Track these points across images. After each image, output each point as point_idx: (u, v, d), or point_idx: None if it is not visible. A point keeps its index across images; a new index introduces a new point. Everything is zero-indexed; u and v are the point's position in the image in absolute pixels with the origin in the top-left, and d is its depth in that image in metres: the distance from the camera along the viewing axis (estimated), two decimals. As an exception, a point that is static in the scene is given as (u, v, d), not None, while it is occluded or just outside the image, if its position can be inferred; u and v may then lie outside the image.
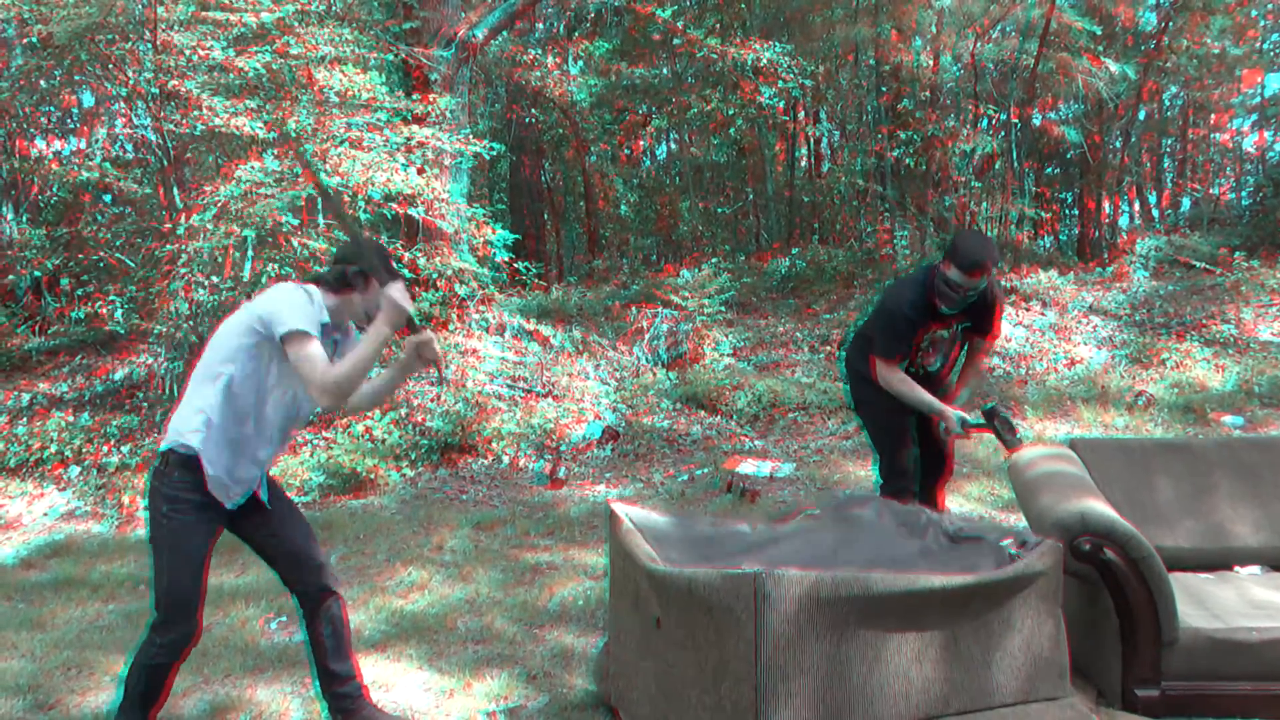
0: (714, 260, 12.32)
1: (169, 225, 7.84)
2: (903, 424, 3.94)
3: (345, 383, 2.61)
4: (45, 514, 6.54)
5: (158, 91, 7.59)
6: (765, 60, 11.07)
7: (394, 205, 8.14)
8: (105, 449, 7.22)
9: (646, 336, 9.56)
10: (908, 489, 3.90)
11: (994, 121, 12.49)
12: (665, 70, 14.13)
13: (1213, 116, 16.41)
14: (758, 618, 2.40)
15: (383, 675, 3.57)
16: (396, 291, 2.65)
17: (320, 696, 3.06)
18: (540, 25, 15.76)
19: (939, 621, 2.55)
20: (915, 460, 3.97)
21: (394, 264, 2.88)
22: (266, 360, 2.70)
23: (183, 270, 7.27)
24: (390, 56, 9.58)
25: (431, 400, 8.01)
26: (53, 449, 7.17)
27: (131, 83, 7.64)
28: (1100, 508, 3.07)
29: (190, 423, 2.69)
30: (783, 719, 2.41)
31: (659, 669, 2.75)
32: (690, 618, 2.58)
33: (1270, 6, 14.10)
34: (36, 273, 9.76)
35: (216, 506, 2.76)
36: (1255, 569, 3.46)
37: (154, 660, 2.76)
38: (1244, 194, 16.28)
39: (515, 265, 10.11)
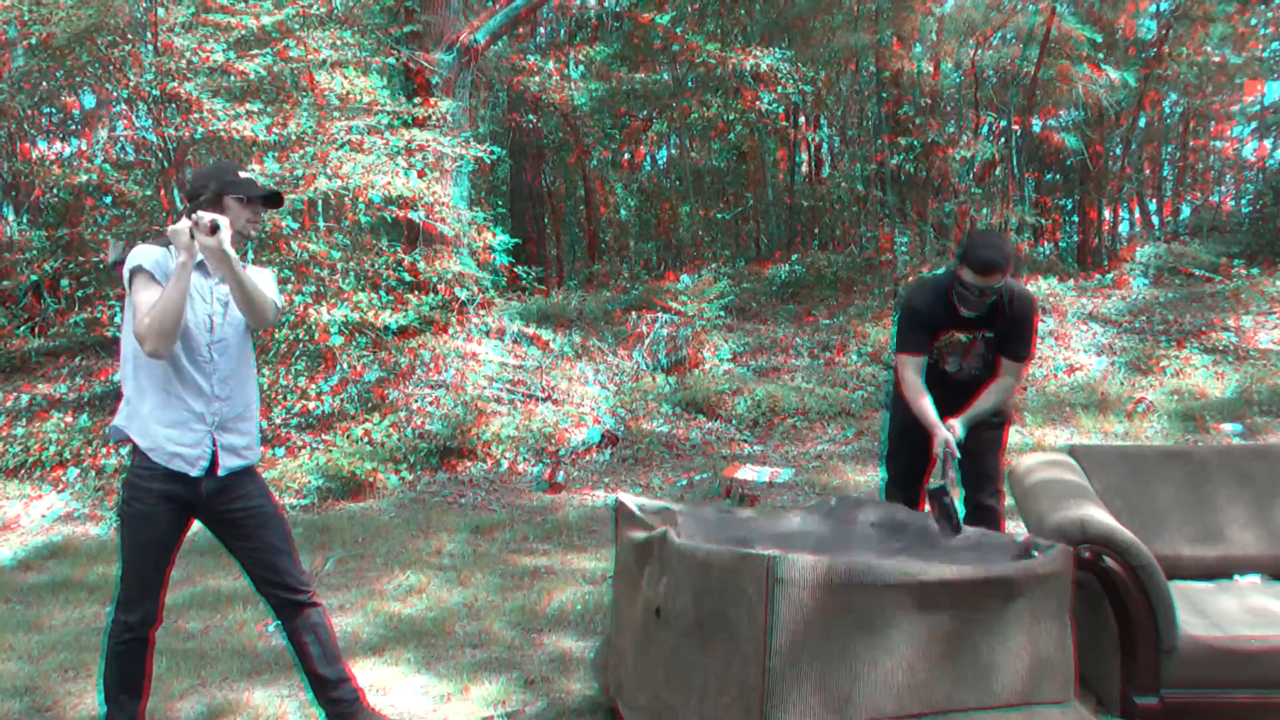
0: (714, 266, 12.33)
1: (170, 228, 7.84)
2: (904, 439, 3.83)
3: (155, 325, 2.60)
4: (43, 516, 6.52)
5: (159, 94, 7.60)
6: (765, 66, 11.10)
7: (395, 209, 8.15)
8: (104, 451, 7.21)
9: (646, 341, 9.56)
10: (900, 499, 3.86)
11: (994, 128, 12.53)
12: (666, 76, 14.11)
13: (1213, 125, 16.42)
14: (769, 600, 2.41)
15: (380, 680, 3.55)
16: (175, 226, 2.66)
17: (316, 704, 3.05)
18: (541, 30, 15.77)
19: (948, 615, 2.54)
20: (906, 478, 3.89)
21: (239, 175, 2.81)
22: None
23: (182, 273, 7.27)
24: (391, 60, 9.59)
25: (431, 404, 8.00)
26: (51, 451, 7.16)
27: (132, 85, 7.65)
28: (1100, 515, 3.07)
29: (121, 407, 2.79)
30: (790, 701, 2.41)
31: (665, 655, 2.74)
32: (701, 598, 2.58)
33: (1270, 16, 14.12)
34: (35, 276, 9.75)
35: (181, 499, 2.77)
36: (1255, 577, 3.45)
37: (123, 640, 2.80)
38: (1244, 202, 16.32)
39: (515, 270, 10.11)
